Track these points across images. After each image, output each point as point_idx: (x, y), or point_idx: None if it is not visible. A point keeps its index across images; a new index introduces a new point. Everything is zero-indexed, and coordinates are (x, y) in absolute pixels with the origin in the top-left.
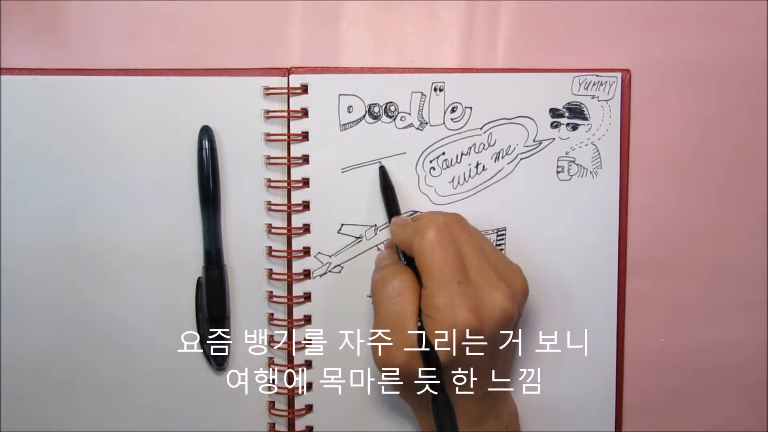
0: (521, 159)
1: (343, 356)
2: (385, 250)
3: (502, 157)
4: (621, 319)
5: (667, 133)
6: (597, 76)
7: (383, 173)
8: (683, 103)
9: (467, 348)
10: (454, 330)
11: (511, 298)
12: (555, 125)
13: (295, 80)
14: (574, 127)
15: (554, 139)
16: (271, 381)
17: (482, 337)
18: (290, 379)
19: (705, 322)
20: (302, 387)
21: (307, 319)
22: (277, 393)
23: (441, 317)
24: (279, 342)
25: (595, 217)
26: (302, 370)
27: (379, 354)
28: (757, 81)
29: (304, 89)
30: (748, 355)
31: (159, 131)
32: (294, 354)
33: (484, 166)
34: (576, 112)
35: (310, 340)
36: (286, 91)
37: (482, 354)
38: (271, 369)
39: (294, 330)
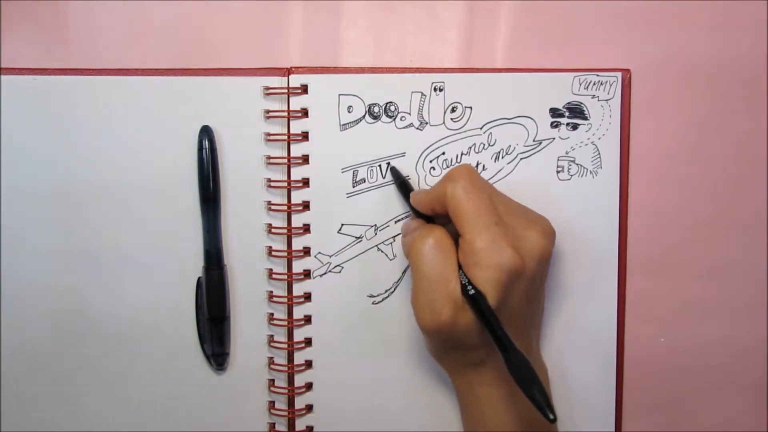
0: (521, 159)
1: (343, 356)
2: (410, 219)
3: (502, 157)
4: (621, 319)
5: (667, 133)
6: (597, 75)
7: (395, 171)
8: (683, 103)
9: (511, 291)
10: (500, 269)
11: (545, 235)
12: (555, 125)
13: (295, 80)
14: (574, 127)
15: (554, 138)
16: (271, 381)
17: (524, 278)
18: (290, 379)
19: (705, 322)
20: (302, 387)
21: (307, 319)
22: (277, 393)
23: (485, 260)
24: (279, 342)
25: (595, 216)
26: (302, 370)
27: (425, 314)
28: (757, 81)
29: (304, 89)
30: (749, 355)
31: (159, 131)
32: (294, 354)
33: (484, 166)
34: (576, 111)
35: (310, 340)
36: (286, 91)
37: (524, 297)
38: (271, 369)
39: (294, 330)
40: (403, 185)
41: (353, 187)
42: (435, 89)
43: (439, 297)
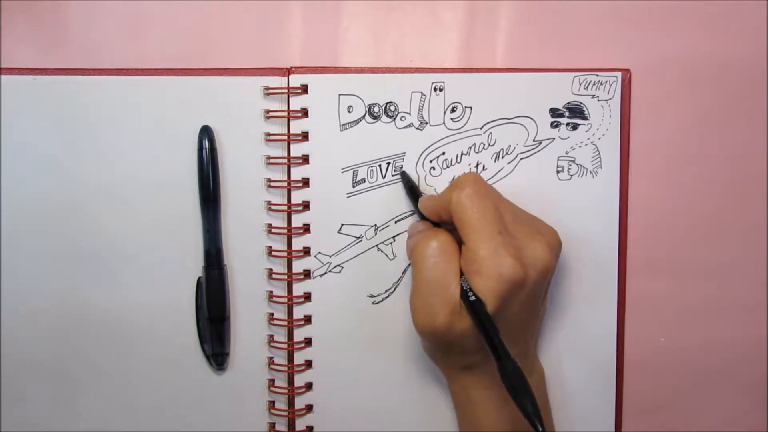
0: (521, 159)
1: (343, 356)
2: (417, 222)
3: (502, 157)
4: (621, 319)
5: (667, 133)
6: (597, 75)
7: (405, 176)
8: (683, 103)
9: (511, 301)
10: (501, 279)
11: (549, 248)
12: (555, 125)
13: (295, 80)
14: (574, 127)
15: (554, 138)
16: (271, 381)
17: (525, 289)
18: (290, 379)
19: (705, 322)
20: (302, 387)
21: (307, 319)
22: (277, 393)
23: (487, 269)
24: (279, 342)
25: (595, 216)
26: (302, 370)
27: (421, 317)
28: (757, 81)
29: (304, 89)
30: (749, 355)
31: (159, 131)
32: (294, 354)
33: (484, 166)
34: (576, 111)
35: (310, 340)
36: (286, 91)
37: (523, 307)
38: (271, 369)
39: (294, 330)
40: (412, 190)
41: (353, 187)
42: (435, 89)
43: (436, 301)
